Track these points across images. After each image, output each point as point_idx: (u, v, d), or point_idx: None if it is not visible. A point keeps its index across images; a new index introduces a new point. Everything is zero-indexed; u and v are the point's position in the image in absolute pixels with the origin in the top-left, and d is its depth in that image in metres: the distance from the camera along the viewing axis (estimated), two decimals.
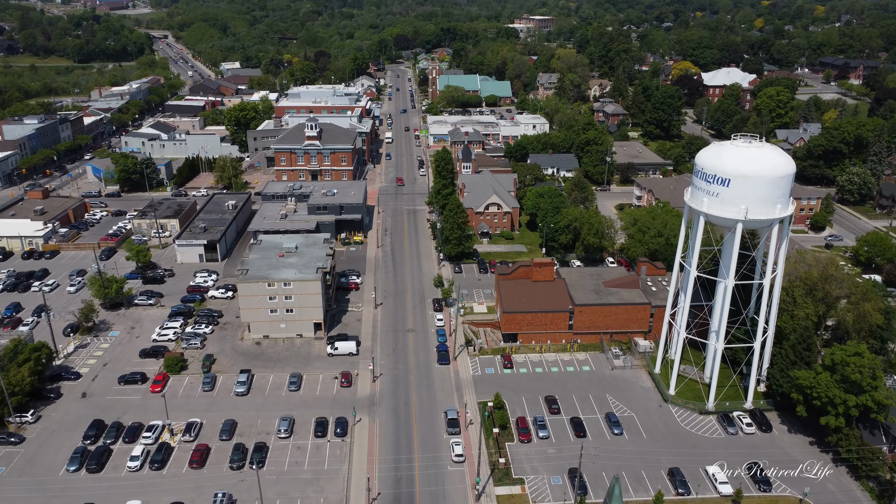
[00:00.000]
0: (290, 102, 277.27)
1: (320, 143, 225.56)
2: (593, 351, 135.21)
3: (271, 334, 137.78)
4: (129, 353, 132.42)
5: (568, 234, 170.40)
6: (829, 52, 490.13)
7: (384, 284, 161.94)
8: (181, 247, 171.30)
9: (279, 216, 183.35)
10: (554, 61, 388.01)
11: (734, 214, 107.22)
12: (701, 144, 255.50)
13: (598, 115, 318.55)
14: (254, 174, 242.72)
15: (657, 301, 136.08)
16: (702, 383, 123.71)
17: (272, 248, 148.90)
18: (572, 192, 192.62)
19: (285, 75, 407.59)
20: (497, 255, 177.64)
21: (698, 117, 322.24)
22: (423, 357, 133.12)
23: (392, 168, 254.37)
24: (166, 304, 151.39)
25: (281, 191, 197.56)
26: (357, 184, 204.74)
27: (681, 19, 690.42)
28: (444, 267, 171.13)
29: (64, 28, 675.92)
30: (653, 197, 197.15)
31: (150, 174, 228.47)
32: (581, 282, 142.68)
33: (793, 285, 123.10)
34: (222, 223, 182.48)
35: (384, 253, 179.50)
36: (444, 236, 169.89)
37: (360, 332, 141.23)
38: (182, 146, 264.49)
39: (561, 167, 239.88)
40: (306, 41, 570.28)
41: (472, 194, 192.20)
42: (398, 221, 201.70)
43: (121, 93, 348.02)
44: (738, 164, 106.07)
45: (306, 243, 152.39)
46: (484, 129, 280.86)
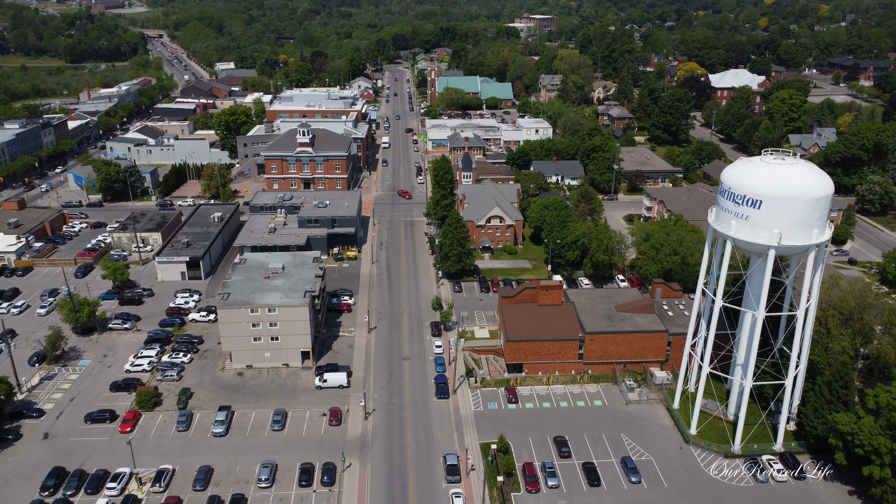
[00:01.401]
0: (282, 106, 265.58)
1: (313, 150, 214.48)
2: (605, 382, 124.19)
3: (255, 364, 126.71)
4: (100, 386, 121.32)
5: (575, 251, 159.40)
6: (838, 52, 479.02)
7: (379, 305, 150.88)
8: (162, 264, 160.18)
9: (267, 230, 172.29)
10: (556, 62, 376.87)
11: (766, 240, 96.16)
12: (711, 150, 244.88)
13: (602, 118, 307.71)
14: (244, 182, 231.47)
15: (675, 328, 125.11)
16: (725, 420, 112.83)
17: (257, 269, 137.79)
18: (579, 203, 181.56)
19: (280, 76, 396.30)
20: (499, 271, 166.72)
21: (706, 121, 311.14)
22: (420, 390, 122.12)
23: (389, 175, 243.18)
24: (143, 327, 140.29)
25: (270, 202, 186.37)
26: (351, 194, 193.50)
27: (683, 18, 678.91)
28: (442, 285, 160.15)
29: (57, 27, 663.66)
30: (664, 209, 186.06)
31: (135, 182, 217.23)
32: (591, 306, 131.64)
33: (826, 315, 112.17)
34: (207, 237, 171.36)
35: (379, 269, 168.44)
36: (443, 252, 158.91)
37: (352, 360, 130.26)
38: (170, 152, 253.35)
39: (566, 175, 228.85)
40: (303, 41, 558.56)
41: (472, 206, 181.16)
42: (394, 234, 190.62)
43: (109, 95, 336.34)
44: (771, 183, 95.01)
45: (294, 263, 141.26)
46: (484, 134, 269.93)
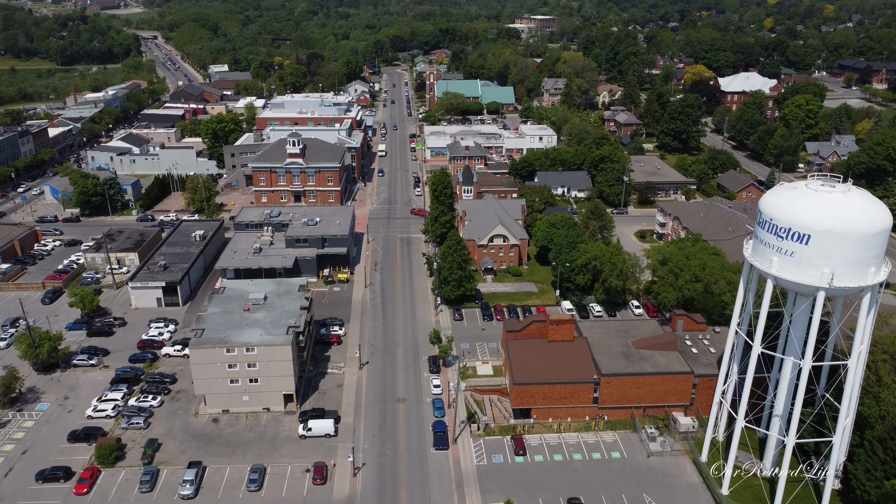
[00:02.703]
0: (272, 113, 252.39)
1: (303, 162, 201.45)
2: (623, 430, 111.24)
3: (232, 408, 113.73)
4: (57, 436, 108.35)
5: (586, 275, 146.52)
6: (848, 54, 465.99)
7: (372, 336, 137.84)
8: (136, 289, 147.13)
9: (252, 250, 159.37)
10: (560, 65, 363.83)
11: (815, 280, 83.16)
12: (725, 159, 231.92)
13: (608, 124, 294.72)
14: (231, 195, 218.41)
15: (700, 368, 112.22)
16: (761, 478, 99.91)
17: (236, 299, 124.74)
18: (588, 220, 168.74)
19: (274, 80, 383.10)
20: (503, 296, 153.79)
21: (717, 127, 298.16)
22: (417, 439, 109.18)
23: (385, 186, 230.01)
24: (111, 363, 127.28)
25: (256, 218, 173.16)
26: (343, 210, 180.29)
27: (687, 19, 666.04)
28: (441, 312, 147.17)
29: (49, 28, 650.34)
30: (679, 226, 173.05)
31: (114, 196, 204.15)
32: (606, 341, 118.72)
33: (876, 360, 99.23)
34: (187, 259, 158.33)
35: (373, 294, 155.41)
36: (443, 277, 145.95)
37: (341, 402, 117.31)
38: (154, 161, 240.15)
39: (572, 186, 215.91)
40: (299, 42, 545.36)
41: (473, 223, 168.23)
42: (390, 253, 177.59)
43: (95, 100, 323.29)
44: (821, 215, 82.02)
45: (278, 292, 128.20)
46: (486, 142, 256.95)
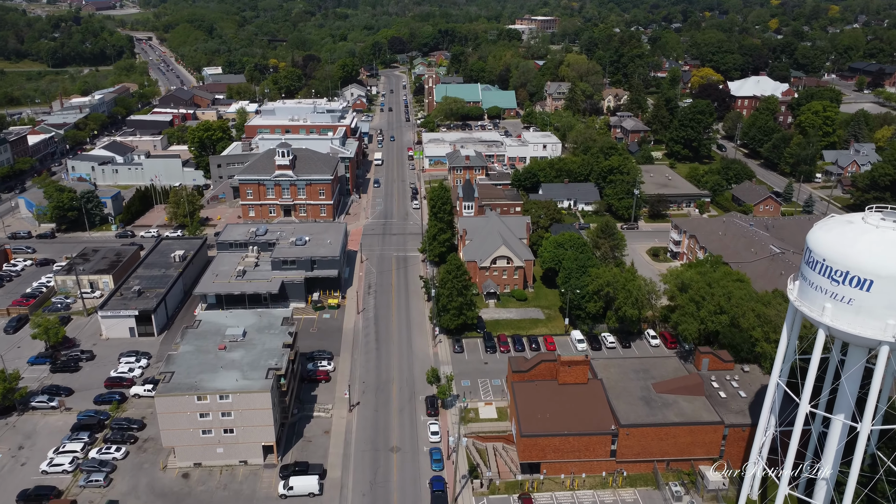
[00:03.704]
0: (263, 121, 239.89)
1: (293, 174, 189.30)
2: (645, 486, 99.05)
3: (205, 462, 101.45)
4: (6, 495, 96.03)
5: (598, 302, 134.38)
6: (858, 56, 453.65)
7: (363, 371, 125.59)
8: (107, 318, 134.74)
9: (235, 273, 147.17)
10: (563, 68, 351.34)
11: (877, 333, 70.86)
12: (738, 169, 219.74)
13: (615, 130, 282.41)
14: (217, 207, 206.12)
15: (731, 416, 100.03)
16: None
17: (212, 335, 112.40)
18: (599, 239, 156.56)
19: (268, 83, 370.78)
20: (507, 324, 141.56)
21: (727, 133, 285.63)
22: (412, 498, 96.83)
23: (381, 198, 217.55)
24: (75, 404, 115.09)
25: (241, 237, 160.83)
26: (335, 227, 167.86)
27: (691, 20, 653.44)
28: (440, 342, 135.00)
29: (41, 30, 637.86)
30: (696, 245, 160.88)
31: (92, 210, 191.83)
32: (624, 384, 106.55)
33: None
34: (164, 282, 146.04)
35: (366, 321, 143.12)
36: (441, 304, 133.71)
37: (327, 452, 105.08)
38: (138, 171, 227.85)
39: (579, 199, 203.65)
40: (295, 44, 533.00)
41: (475, 243, 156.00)
42: (385, 273, 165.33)
43: (80, 105, 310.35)
44: (887, 257, 69.86)
45: (259, 325, 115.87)
46: (487, 150, 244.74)
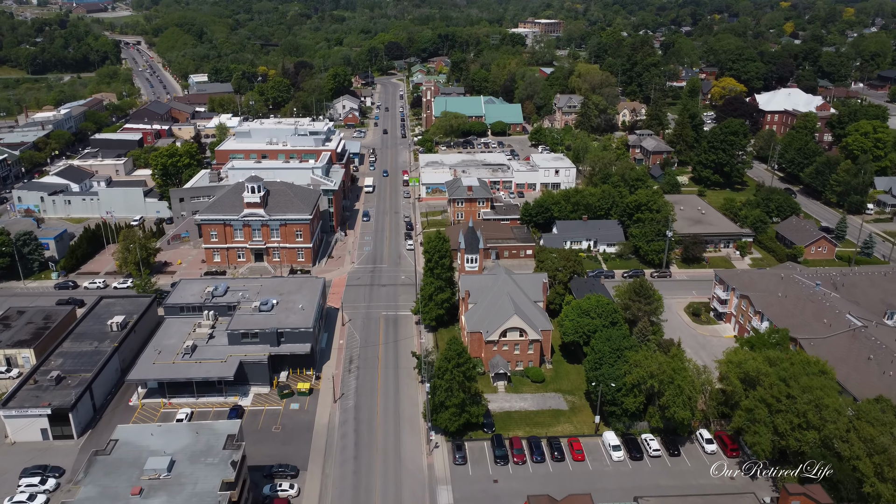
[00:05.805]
0: (236, 144, 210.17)
1: (265, 213, 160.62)
2: None
3: None
4: None
5: (638, 396, 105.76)
6: (886, 63, 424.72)
7: (337, 498, 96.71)
8: (12, 419, 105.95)
9: (182, 350, 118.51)
10: (573, 79, 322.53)
11: None
12: (782, 201, 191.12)
13: (634, 151, 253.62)
14: (179, 249, 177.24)
15: None
16: None
17: (128, 466, 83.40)
18: (630, 302, 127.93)
19: (253, 95, 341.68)
20: (521, 417, 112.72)
21: (757, 153, 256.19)
22: None
23: (370, 236, 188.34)
24: None
25: (195, 298, 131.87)
26: (310, 284, 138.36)
27: (702, 23, 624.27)
28: (436, 448, 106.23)
29: (24, 34, 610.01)
30: (751, 309, 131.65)
31: (30, 254, 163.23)
32: None
33: None
34: (93, 362, 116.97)
35: (344, 414, 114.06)
36: (438, 400, 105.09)
37: None
38: (93, 203, 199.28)
39: (600, 240, 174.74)
40: (288, 49, 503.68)
41: (480, 309, 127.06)
42: (371, 342, 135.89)
43: (43, 121, 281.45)
44: None
45: (193, 450, 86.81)
46: (492, 175, 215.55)
